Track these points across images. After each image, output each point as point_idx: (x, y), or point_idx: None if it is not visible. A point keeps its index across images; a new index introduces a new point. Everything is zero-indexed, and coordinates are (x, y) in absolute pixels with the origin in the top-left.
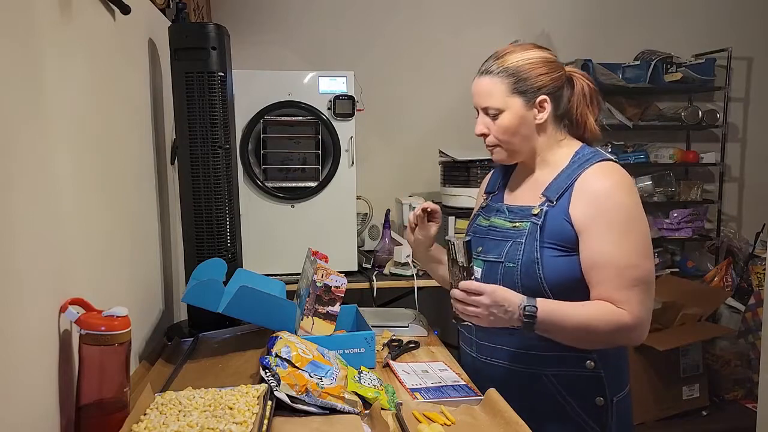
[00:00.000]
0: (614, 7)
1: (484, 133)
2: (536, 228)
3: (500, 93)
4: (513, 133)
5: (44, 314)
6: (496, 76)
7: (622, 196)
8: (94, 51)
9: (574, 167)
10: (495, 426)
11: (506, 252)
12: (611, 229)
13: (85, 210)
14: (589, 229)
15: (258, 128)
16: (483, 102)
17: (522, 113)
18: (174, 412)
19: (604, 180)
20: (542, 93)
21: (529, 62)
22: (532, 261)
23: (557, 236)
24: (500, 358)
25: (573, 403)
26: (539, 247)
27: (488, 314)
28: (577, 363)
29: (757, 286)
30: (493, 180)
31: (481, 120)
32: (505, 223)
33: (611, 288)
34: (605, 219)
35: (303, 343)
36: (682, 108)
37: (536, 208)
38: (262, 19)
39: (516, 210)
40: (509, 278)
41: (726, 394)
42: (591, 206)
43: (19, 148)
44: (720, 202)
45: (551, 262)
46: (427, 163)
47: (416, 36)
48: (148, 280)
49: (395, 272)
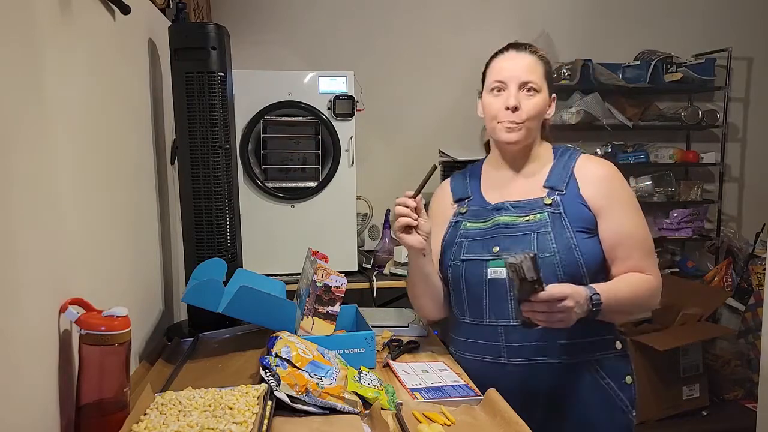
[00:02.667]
0: (614, 7)
1: (517, 106)
2: (559, 216)
3: (540, 74)
4: (540, 116)
5: (44, 314)
6: (538, 58)
7: (619, 177)
8: (94, 51)
9: (564, 159)
10: (495, 426)
11: (536, 244)
12: (626, 207)
13: (85, 210)
14: (607, 209)
15: (258, 128)
16: (526, 76)
17: (547, 101)
18: (174, 412)
19: (600, 166)
20: (554, 91)
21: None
22: (570, 247)
23: (580, 220)
24: (543, 354)
25: (613, 384)
26: (573, 232)
27: (575, 316)
28: (610, 345)
29: (757, 286)
30: (458, 187)
31: (515, 93)
32: (515, 218)
33: (637, 258)
34: (618, 198)
35: (303, 343)
36: (682, 108)
37: (547, 198)
38: (262, 19)
39: (522, 204)
40: (547, 268)
41: (726, 394)
42: (603, 187)
43: (19, 148)
44: (720, 202)
45: (584, 245)
46: (427, 163)
47: (416, 36)
48: (148, 280)
49: (395, 272)
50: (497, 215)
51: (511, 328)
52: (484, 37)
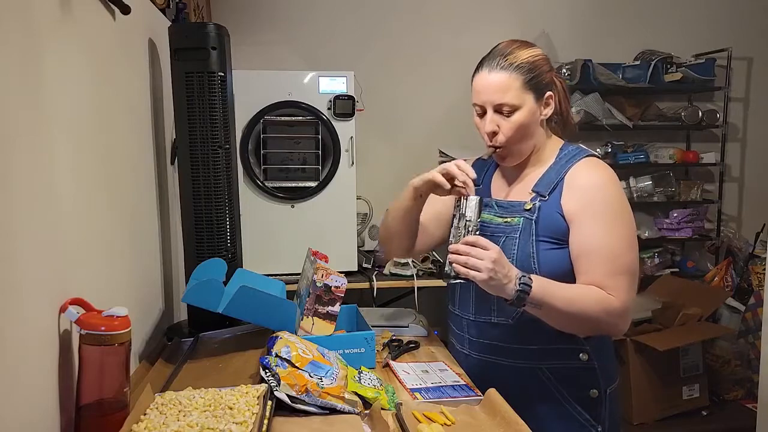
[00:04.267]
0: (614, 7)
1: (494, 131)
2: (530, 223)
3: (516, 89)
4: (524, 131)
5: (44, 314)
6: (512, 71)
7: (611, 188)
8: (94, 51)
9: (561, 163)
10: (495, 426)
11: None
12: (601, 219)
13: (85, 210)
14: (579, 219)
15: (258, 128)
16: (498, 98)
17: (534, 110)
18: (174, 412)
19: (593, 174)
20: (548, 89)
21: (538, 58)
22: (528, 255)
23: (551, 230)
24: (495, 353)
25: (568, 396)
26: (535, 241)
27: (489, 270)
28: (572, 355)
29: (757, 286)
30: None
31: (491, 118)
32: (495, 218)
33: (600, 274)
34: (595, 209)
35: (303, 343)
36: (682, 108)
37: (528, 203)
38: (262, 19)
39: (506, 205)
40: None
41: (726, 394)
42: (581, 198)
43: (19, 148)
44: (720, 202)
45: (546, 255)
46: (427, 163)
47: (416, 36)
48: (148, 280)
49: (395, 272)
50: (484, 211)
51: (471, 322)
52: (484, 38)
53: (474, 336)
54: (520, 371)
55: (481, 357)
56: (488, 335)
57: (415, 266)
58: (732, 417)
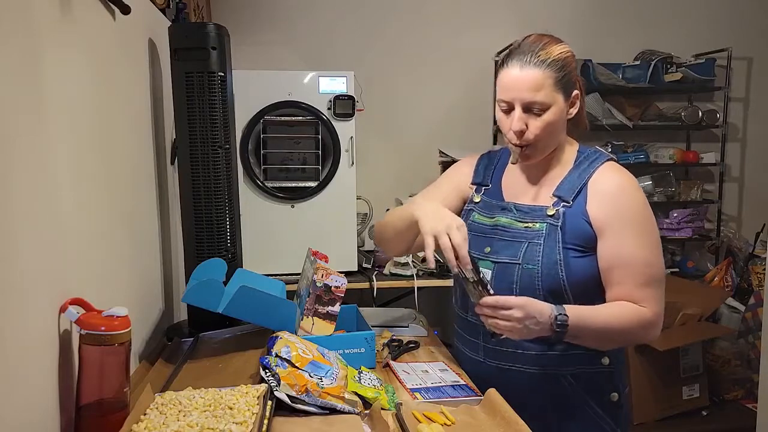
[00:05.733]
0: (614, 7)
1: (523, 129)
2: (555, 229)
3: (548, 87)
4: (552, 130)
5: (44, 314)
6: (546, 68)
7: (637, 196)
8: (94, 51)
9: (583, 166)
10: (495, 426)
11: (523, 253)
12: (630, 228)
13: (85, 210)
14: (609, 229)
15: (258, 128)
16: (530, 96)
17: (563, 109)
18: (174, 412)
19: (618, 179)
20: (575, 88)
21: (568, 55)
22: (555, 262)
23: (577, 237)
24: (514, 361)
25: (590, 401)
26: (562, 248)
27: (521, 327)
28: (594, 360)
29: (757, 286)
30: (481, 170)
31: (519, 116)
32: (514, 222)
33: (632, 286)
34: (624, 218)
35: (303, 343)
36: (682, 108)
37: (551, 208)
38: (262, 19)
39: (526, 210)
40: (528, 280)
41: (726, 394)
42: (609, 205)
43: (19, 148)
44: (720, 202)
45: (573, 263)
46: (427, 163)
47: (416, 36)
48: (148, 280)
49: (395, 272)
50: (500, 214)
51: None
52: (483, 37)
53: (491, 343)
54: (542, 378)
55: (499, 365)
56: (507, 343)
57: (415, 266)
58: (732, 417)
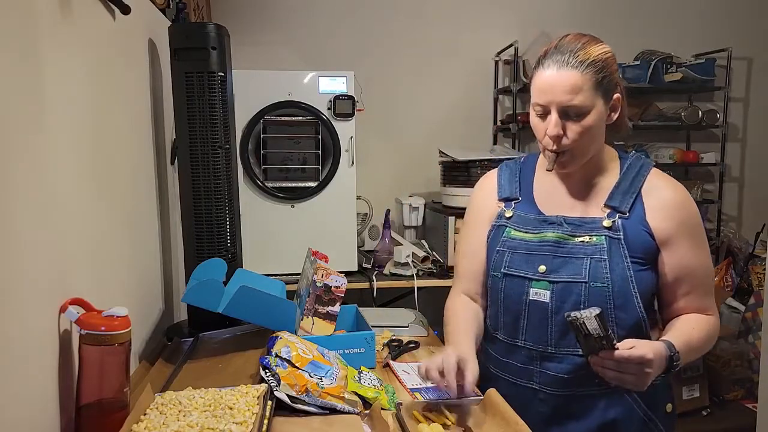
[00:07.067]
0: (614, 7)
1: (559, 135)
2: (618, 243)
3: (588, 90)
4: (592, 136)
5: (44, 314)
6: (585, 69)
7: (693, 204)
8: (94, 51)
9: (632, 174)
10: (495, 426)
11: (588, 271)
12: (693, 239)
13: (85, 210)
14: (674, 241)
15: (258, 128)
16: (567, 99)
17: (603, 113)
18: (174, 412)
19: (673, 188)
20: (616, 91)
21: (608, 55)
22: (625, 279)
23: (641, 249)
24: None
25: (653, 415)
26: (630, 263)
27: (649, 377)
28: None
29: (757, 286)
30: (506, 184)
31: (556, 120)
32: (567, 237)
33: (699, 296)
34: (687, 229)
35: (303, 343)
36: (682, 108)
37: (606, 220)
38: (262, 19)
39: (578, 222)
40: (598, 298)
41: (726, 394)
42: (671, 216)
43: (19, 148)
44: (720, 202)
45: (640, 277)
46: (427, 163)
47: (416, 36)
48: (148, 280)
49: (395, 272)
50: (547, 229)
51: (547, 354)
52: (484, 37)
53: (551, 370)
54: (607, 397)
55: (558, 392)
56: (571, 367)
57: (415, 266)
58: (732, 417)
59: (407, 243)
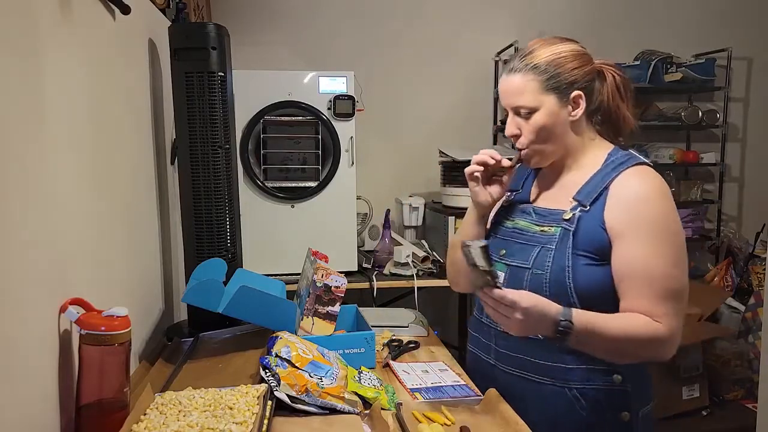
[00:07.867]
0: (614, 7)
1: (515, 134)
2: (568, 234)
3: (532, 91)
4: (547, 133)
5: (44, 314)
6: (527, 73)
7: (659, 202)
8: (94, 51)
9: (608, 170)
10: (495, 426)
11: (534, 258)
12: (647, 237)
13: (85, 210)
14: (624, 236)
15: (258, 128)
16: (514, 101)
17: (556, 111)
18: (174, 412)
19: (640, 184)
20: (575, 88)
21: (560, 56)
22: (562, 269)
23: (591, 244)
24: (523, 368)
25: (596, 419)
26: (571, 254)
27: (520, 327)
28: (604, 377)
29: (757, 286)
30: (516, 176)
31: (511, 120)
32: (531, 226)
33: (645, 299)
34: (641, 226)
35: (303, 343)
36: (682, 108)
37: (568, 212)
38: (262, 19)
39: (544, 213)
40: (536, 285)
41: (726, 394)
42: (626, 212)
43: (19, 148)
44: (720, 202)
45: (583, 271)
46: (427, 163)
47: (416, 36)
48: (148, 280)
49: (395, 272)
50: (520, 217)
51: (501, 333)
52: (483, 37)
53: (502, 348)
54: (548, 389)
55: (508, 370)
56: (518, 349)
57: (415, 266)
58: (732, 417)
59: (407, 243)
